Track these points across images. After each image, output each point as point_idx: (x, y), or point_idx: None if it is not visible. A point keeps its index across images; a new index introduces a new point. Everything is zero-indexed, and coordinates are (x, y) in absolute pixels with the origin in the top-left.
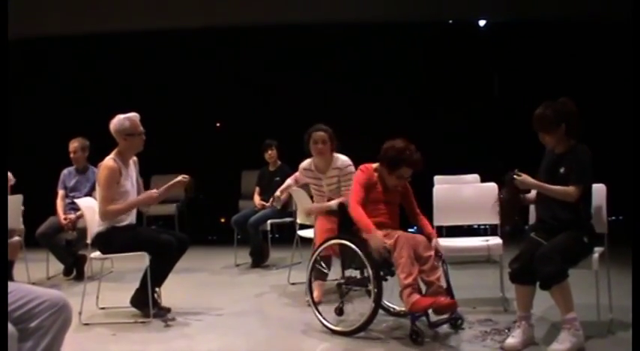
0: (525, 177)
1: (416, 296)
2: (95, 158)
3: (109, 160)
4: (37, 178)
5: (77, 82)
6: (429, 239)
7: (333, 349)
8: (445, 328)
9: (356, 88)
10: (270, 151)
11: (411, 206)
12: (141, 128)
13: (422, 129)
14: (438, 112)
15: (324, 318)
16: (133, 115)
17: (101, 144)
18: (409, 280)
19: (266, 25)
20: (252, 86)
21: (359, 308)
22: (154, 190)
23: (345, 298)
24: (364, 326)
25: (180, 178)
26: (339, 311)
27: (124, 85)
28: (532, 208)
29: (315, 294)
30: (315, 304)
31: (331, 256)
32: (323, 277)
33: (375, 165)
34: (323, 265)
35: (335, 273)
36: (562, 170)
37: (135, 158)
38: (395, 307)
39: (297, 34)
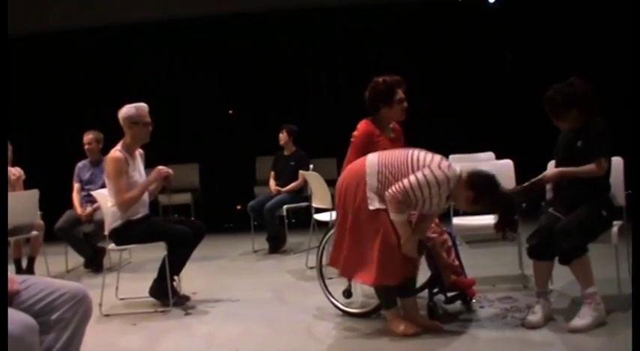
0: (550, 172)
1: (453, 276)
2: (108, 152)
3: (114, 152)
4: (52, 172)
5: (90, 75)
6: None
7: (356, 331)
8: (458, 304)
9: (368, 69)
10: (280, 135)
11: None
12: (147, 119)
13: (435, 108)
14: (451, 90)
15: (336, 300)
16: (141, 105)
17: (114, 138)
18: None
19: (278, 11)
20: (264, 71)
21: (367, 289)
22: (161, 167)
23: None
24: (379, 308)
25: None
26: (348, 293)
27: (137, 77)
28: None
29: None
30: (328, 289)
31: None
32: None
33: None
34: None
35: None
36: (579, 144)
37: (141, 151)
38: None
39: (310, 19)
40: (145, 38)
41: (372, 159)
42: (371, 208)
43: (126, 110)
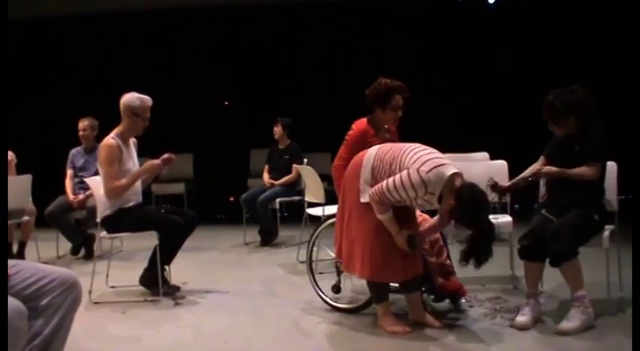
0: (547, 168)
1: (441, 279)
2: (102, 140)
3: (108, 139)
4: (45, 158)
5: (86, 62)
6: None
7: (343, 326)
8: (447, 303)
9: (365, 65)
10: (275, 128)
11: None
12: (148, 114)
13: (430, 107)
14: (447, 89)
15: (325, 294)
16: (146, 98)
17: (109, 125)
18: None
19: (276, 3)
20: (261, 64)
21: (356, 284)
22: (155, 161)
23: (342, 275)
24: (368, 304)
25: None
26: (337, 289)
27: (132, 66)
28: (541, 186)
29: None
30: (317, 284)
31: None
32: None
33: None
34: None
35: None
36: (576, 148)
37: (134, 140)
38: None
39: (307, 13)
40: (143, 27)
41: (371, 152)
42: (362, 200)
43: (131, 98)
